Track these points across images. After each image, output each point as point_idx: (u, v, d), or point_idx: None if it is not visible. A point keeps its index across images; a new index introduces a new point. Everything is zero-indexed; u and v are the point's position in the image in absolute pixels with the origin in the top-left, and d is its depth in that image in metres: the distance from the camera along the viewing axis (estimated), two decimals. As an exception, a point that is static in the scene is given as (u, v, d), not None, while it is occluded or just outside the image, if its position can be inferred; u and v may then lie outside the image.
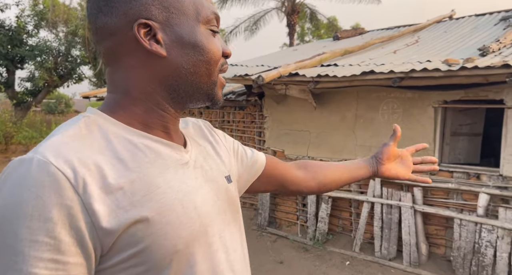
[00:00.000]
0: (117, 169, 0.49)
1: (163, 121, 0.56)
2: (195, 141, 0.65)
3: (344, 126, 4.13)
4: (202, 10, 0.54)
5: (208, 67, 0.55)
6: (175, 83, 0.54)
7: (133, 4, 0.51)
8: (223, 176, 0.64)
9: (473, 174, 3.35)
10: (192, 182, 0.56)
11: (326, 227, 4.18)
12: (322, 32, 17.25)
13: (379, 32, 6.40)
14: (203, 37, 0.54)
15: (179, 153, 0.57)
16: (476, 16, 5.39)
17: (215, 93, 0.57)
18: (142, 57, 0.52)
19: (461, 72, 2.88)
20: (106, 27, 0.52)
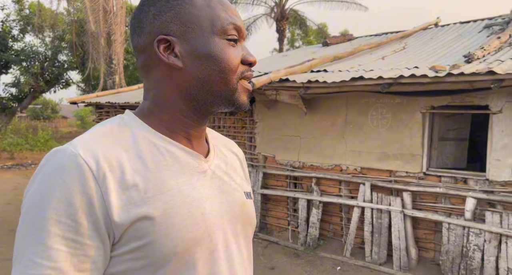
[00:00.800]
0: (137, 166, 0.54)
1: (186, 127, 0.61)
2: (221, 153, 0.69)
3: (334, 132, 4.16)
4: (218, 22, 0.58)
5: (222, 76, 0.58)
6: (193, 92, 0.58)
7: (155, 23, 0.58)
8: (243, 191, 0.67)
9: (460, 178, 3.40)
10: (205, 190, 0.59)
11: (317, 232, 4.18)
12: (312, 38, 17.44)
13: (368, 38, 6.50)
14: (217, 48, 0.57)
15: (198, 161, 0.61)
16: (461, 24, 5.53)
17: (235, 99, 0.60)
18: (165, 70, 0.58)
19: (447, 78, 2.94)
20: (138, 46, 0.60)
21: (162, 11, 0.57)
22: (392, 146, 3.76)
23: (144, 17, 0.59)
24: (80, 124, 20.85)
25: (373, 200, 3.81)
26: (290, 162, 4.52)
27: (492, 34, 4.42)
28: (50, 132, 12.03)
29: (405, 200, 3.61)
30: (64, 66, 10.96)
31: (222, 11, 0.59)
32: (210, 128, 0.73)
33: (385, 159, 3.82)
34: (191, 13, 0.57)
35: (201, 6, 0.58)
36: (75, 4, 10.32)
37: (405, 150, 3.67)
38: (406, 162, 3.68)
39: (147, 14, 0.58)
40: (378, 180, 3.85)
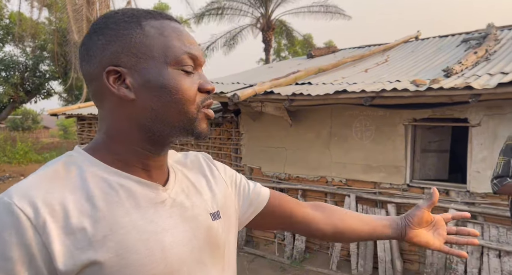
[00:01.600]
0: (84, 208, 0.51)
1: (143, 159, 0.58)
2: (184, 176, 0.66)
3: (319, 144, 4.18)
4: (171, 52, 0.56)
5: (179, 106, 0.56)
6: (148, 123, 0.56)
7: (105, 53, 0.55)
8: (208, 213, 0.63)
9: (442, 190, 3.45)
10: (164, 221, 0.56)
11: (303, 245, 4.15)
12: (298, 48, 17.69)
13: (351, 50, 6.62)
14: (170, 79, 0.55)
15: (155, 192, 0.58)
16: (440, 38, 5.70)
17: (194, 127, 0.58)
18: (116, 101, 0.56)
19: (428, 92, 3.00)
20: (87, 74, 0.58)
21: (111, 40, 0.55)
22: (376, 158, 3.80)
23: (93, 46, 0.56)
24: (62, 134, 20.36)
25: (358, 212, 3.82)
26: (276, 173, 4.51)
27: (469, 48, 4.57)
28: (29, 144, 11.68)
29: (390, 211, 3.64)
30: (46, 76, 10.73)
31: (177, 40, 0.57)
32: (173, 151, 0.69)
33: (369, 170, 3.85)
34: (142, 43, 0.55)
35: (153, 35, 0.56)
36: (57, 13, 10.18)
37: (389, 162, 3.72)
38: (390, 173, 3.72)
39: (96, 43, 0.56)
40: (363, 191, 3.87)
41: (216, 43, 14.42)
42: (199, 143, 5.20)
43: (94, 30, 0.57)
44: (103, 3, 9.09)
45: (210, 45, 14.43)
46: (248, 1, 13.74)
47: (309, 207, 0.82)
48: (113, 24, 0.56)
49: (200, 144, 5.20)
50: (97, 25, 0.57)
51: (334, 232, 0.80)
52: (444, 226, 0.84)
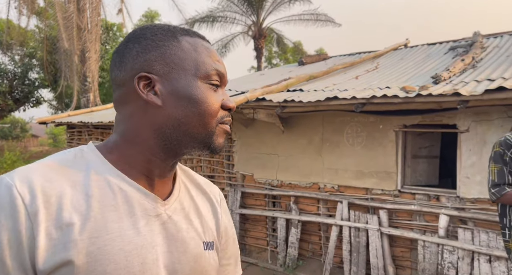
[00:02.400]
0: (79, 204, 0.51)
1: (150, 165, 0.58)
2: (190, 197, 0.65)
3: (311, 150, 4.19)
4: (202, 67, 0.58)
5: (201, 119, 0.57)
6: (168, 131, 0.57)
7: (138, 59, 0.57)
8: (202, 240, 0.62)
9: (433, 195, 3.48)
10: (152, 236, 0.55)
11: (296, 252, 4.13)
12: (289, 55, 17.85)
13: (342, 58, 6.71)
14: (198, 91, 0.57)
15: (153, 204, 0.57)
16: (428, 45, 5.82)
17: (212, 142, 0.59)
18: (141, 106, 0.57)
19: (417, 99, 3.04)
20: (117, 79, 0.59)
21: (147, 49, 0.57)
22: (367, 164, 3.82)
23: (127, 53, 0.58)
24: (52, 143, 20.04)
25: (351, 218, 3.82)
26: (268, 180, 4.49)
27: (457, 55, 4.66)
28: (18, 153, 11.46)
29: (382, 217, 3.65)
30: (35, 84, 10.60)
31: (207, 57, 0.60)
32: (186, 168, 0.69)
33: (361, 176, 3.87)
34: (177, 55, 0.58)
35: (187, 49, 0.59)
36: (47, 21, 10.10)
37: (380, 168, 3.74)
38: (381, 179, 3.73)
39: (131, 50, 0.58)
40: (355, 198, 3.88)
41: (208, 50, 14.45)
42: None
43: (130, 38, 0.60)
44: (93, 11, 9.07)
45: (202, 53, 14.45)
46: (240, 10, 13.86)
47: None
48: (151, 35, 0.58)
49: (192, 151, 5.16)
50: (134, 34, 0.60)
51: None
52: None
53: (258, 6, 13.59)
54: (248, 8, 13.77)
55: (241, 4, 13.66)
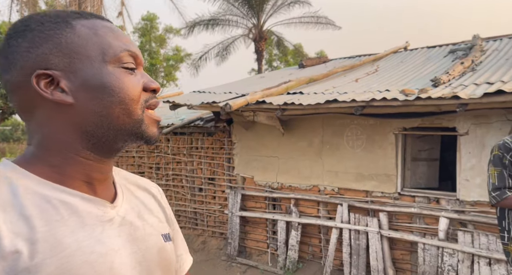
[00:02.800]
0: (19, 228, 0.45)
1: (86, 170, 0.53)
2: (133, 195, 0.61)
3: (311, 152, 4.20)
4: (109, 50, 0.52)
5: (124, 107, 0.52)
6: (91, 128, 0.52)
7: (29, 56, 0.50)
8: (160, 233, 0.60)
9: (433, 198, 3.49)
10: (112, 241, 0.52)
11: (296, 255, 4.13)
12: (289, 57, 17.89)
13: (342, 60, 6.73)
14: (112, 77, 0.52)
15: (102, 209, 0.53)
16: (428, 48, 5.84)
17: (143, 131, 0.54)
18: (52, 108, 0.51)
19: (416, 102, 3.06)
20: (9, 84, 0.52)
21: (36, 42, 0.50)
22: (367, 166, 3.83)
23: (13, 51, 0.51)
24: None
25: (351, 221, 3.83)
26: (268, 182, 4.50)
27: (456, 59, 4.68)
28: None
29: (382, 220, 3.65)
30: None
31: (113, 39, 0.54)
32: (117, 168, 0.65)
33: (361, 179, 3.88)
34: (74, 42, 0.51)
35: (85, 34, 0.52)
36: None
37: (380, 170, 3.75)
38: (381, 182, 3.74)
39: (17, 48, 0.50)
40: (355, 200, 3.89)
41: (209, 53, 14.51)
42: (192, 153, 5.18)
43: (11, 34, 0.52)
44: (95, 12, 9.11)
45: (202, 55, 14.52)
46: (240, 12, 13.91)
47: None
48: (37, 25, 0.51)
49: (192, 153, 5.17)
50: (15, 28, 0.52)
51: None
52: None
53: (258, 9, 13.64)
54: (249, 11, 13.82)
55: (241, 7, 13.71)
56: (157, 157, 5.49)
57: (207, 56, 14.55)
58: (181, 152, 5.26)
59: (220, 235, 4.97)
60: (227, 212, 4.67)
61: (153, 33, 16.03)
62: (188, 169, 5.20)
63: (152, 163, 5.57)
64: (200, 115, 5.19)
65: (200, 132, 5.11)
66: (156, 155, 5.49)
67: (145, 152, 5.63)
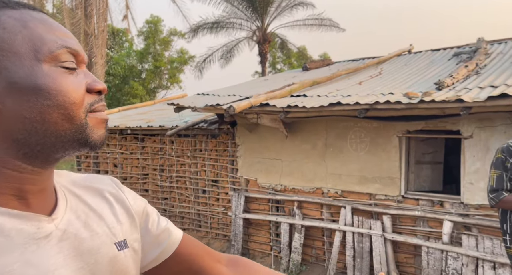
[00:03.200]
0: None
1: (15, 183, 0.46)
2: (80, 200, 0.54)
3: (315, 155, 4.21)
4: (42, 47, 0.45)
5: (63, 112, 0.45)
6: (22, 136, 0.44)
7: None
8: (113, 242, 0.54)
9: (437, 201, 3.48)
10: (48, 260, 0.45)
11: (299, 258, 4.13)
12: (293, 60, 17.92)
13: (345, 63, 6.74)
14: (47, 78, 0.44)
15: (36, 224, 0.46)
16: (432, 51, 5.83)
17: (87, 137, 0.47)
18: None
19: (420, 105, 3.06)
20: None
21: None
22: (371, 169, 3.83)
23: None
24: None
25: (354, 224, 3.83)
26: (272, 185, 4.51)
27: (460, 62, 4.67)
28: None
29: (385, 223, 3.65)
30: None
31: (48, 33, 0.46)
32: (64, 171, 0.59)
33: (364, 182, 3.88)
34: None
35: (12, 27, 0.44)
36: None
37: (384, 173, 3.75)
38: (385, 185, 3.74)
39: None
40: (359, 203, 3.89)
41: (212, 55, 14.59)
42: (195, 155, 5.20)
43: None
44: (100, 16, 9.22)
45: (207, 58, 14.59)
46: (244, 15, 13.98)
47: (223, 263, 0.70)
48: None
49: (196, 155, 5.20)
50: None
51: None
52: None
53: (262, 11, 13.70)
54: (253, 13, 13.89)
55: (245, 10, 13.79)
56: (161, 159, 5.53)
57: (211, 58, 14.62)
58: (185, 154, 5.29)
59: (223, 237, 4.98)
60: (231, 214, 4.68)
61: (157, 36, 16.14)
62: (192, 171, 5.22)
63: (156, 164, 5.60)
64: (204, 118, 5.22)
65: (204, 134, 5.13)
66: (160, 156, 5.52)
67: (149, 153, 5.67)
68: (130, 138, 5.84)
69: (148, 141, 5.67)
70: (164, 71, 16.70)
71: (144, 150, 5.73)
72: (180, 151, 5.34)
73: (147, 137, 5.67)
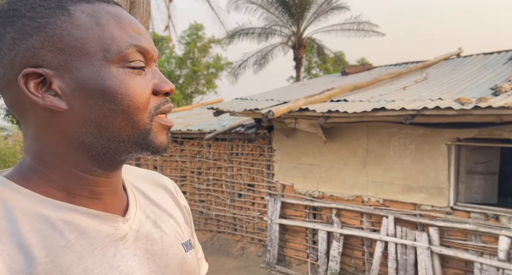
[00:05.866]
0: (17, 262, 0.38)
1: (89, 186, 0.45)
2: (148, 199, 0.53)
3: (355, 161, 4.09)
4: (112, 46, 0.43)
5: (127, 117, 0.43)
6: (88, 140, 0.43)
7: (17, 50, 0.41)
8: (180, 242, 0.52)
9: (491, 215, 3.23)
10: (127, 262, 0.45)
11: (337, 267, 4.00)
12: (329, 65, 17.67)
13: (387, 68, 6.52)
14: (114, 81, 0.42)
15: (114, 225, 0.45)
16: (484, 55, 5.47)
17: (149, 141, 0.45)
18: (44, 113, 0.42)
19: (474, 111, 2.87)
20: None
21: (25, 33, 0.41)
22: (416, 178, 3.64)
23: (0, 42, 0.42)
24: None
25: (397, 234, 3.65)
26: (309, 191, 4.43)
27: (517, 65, 4.34)
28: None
29: (432, 235, 3.44)
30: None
31: (118, 30, 0.44)
32: (129, 166, 0.57)
33: (409, 191, 3.69)
34: (71, 35, 0.41)
35: (85, 24, 0.42)
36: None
37: (430, 183, 3.54)
38: (431, 195, 3.54)
39: (4, 38, 0.41)
40: (402, 213, 3.70)
41: (247, 61, 14.75)
42: (232, 159, 5.25)
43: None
44: (143, 25, 9.66)
45: (241, 64, 14.78)
46: (280, 21, 14.03)
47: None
48: (27, 10, 0.42)
49: (233, 159, 5.24)
50: (2, 13, 0.43)
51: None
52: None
53: (298, 17, 13.67)
54: (289, 19, 13.90)
55: (282, 16, 13.83)
56: (199, 162, 5.64)
57: (245, 64, 14.80)
58: (222, 157, 5.35)
59: (259, 242, 4.96)
60: (266, 219, 4.66)
61: (199, 41, 16.66)
62: (228, 174, 5.27)
63: (194, 167, 5.72)
64: (241, 122, 5.26)
65: (241, 138, 5.17)
66: (198, 160, 5.63)
67: (188, 156, 5.80)
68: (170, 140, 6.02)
69: (186, 144, 5.81)
70: (201, 76, 17.15)
71: (182, 153, 5.87)
72: (217, 155, 5.42)
73: (186, 140, 5.81)
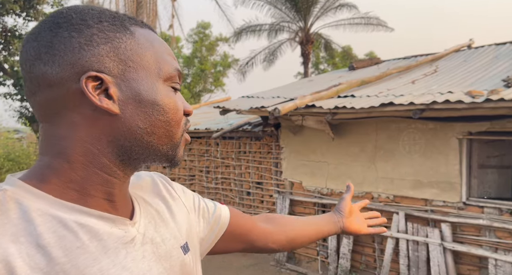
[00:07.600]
0: (36, 261, 0.39)
1: (107, 187, 0.47)
2: (146, 203, 0.56)
3: (363, 158, 4.03)
4: (164, 66, 0.49)
5: (168, 128, 0.49)
6: (127, 144, 0.47)
7: (82, 54, 0.44)
8: (179, 246, 0.55)
9: (506, 209, 3.14)
10: (138, 264, 0.47)
11: (348, 264, 3.97)
12: (337, 60, 17.48)
13: (396, 61, 6.40)
14: (164, 95, 0.48)
15: (123, 228, 0.47)
16: (496, 45, 5.31)
17: (176, 154, 0.51)
18: (88, 114, 0.45)
19: (486, 104, 2.79)
20: (44, 77, 0.45)
21: (94, 41, 0.45)
22: (426, 173, 3.57)
23: (62, 44, 0.44)
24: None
25: (408, 231, 3.59)
26: (317, 188, 4.40)
27: (531, 55, 4.21)
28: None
29: (444, 231, 3.37)
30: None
31: (167, 55, 0.51)
32: None
33: (419, 186, 3.62)
34: (133, 50, 0.47)
35: (144, 43, 0.48)
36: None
37: (441, 178, 3.47)
38: (443, 190, 3.46)
39: (69, 41, 0.44)
40: (413, 209, 3.64)
41: (255, 58, 14.70)
42: (239, 157, 5.24)
43: (61, 24, 0.45)
44: (150, 24, 9.71)
45: (249, 61, 14.75)
46: (287, 16, 13.92)
47: (263, 221, 0.79)
48: (95, 22, 0.46)
49: (240, 157, 5.24)
50: (67, 19, 0.45)
51: (287, 240, 0.80)
52: (360, 213, 0.93)
53: (306, 12, 13.54)
54: (296, 14, 13.78)
55: (289, 11, 13.72)
56: (207, 161, 5.65)
57: (253, 61, 14.75)
58: (229, 156, 5.35)
59: (268, 240, 4.95)
60: (276, 216, 4.64)
61: (206, 39, 16.69)
62: (237, 172, 5.27)
63: (202, 166, 5.74)
64: (248, 120, 5.25)
65: (248, 136, 5.16)
66: (206, 158, 5.65)
67: (196, 155, 5.83)
68: (178, 140, 6.05)
69: (194, 143, 5.83)
70: (208, 75, 17.18)
71: (190, 152, 5.90)
72: (225, 153, 5.42)
73: (193, 139, 5.83)
